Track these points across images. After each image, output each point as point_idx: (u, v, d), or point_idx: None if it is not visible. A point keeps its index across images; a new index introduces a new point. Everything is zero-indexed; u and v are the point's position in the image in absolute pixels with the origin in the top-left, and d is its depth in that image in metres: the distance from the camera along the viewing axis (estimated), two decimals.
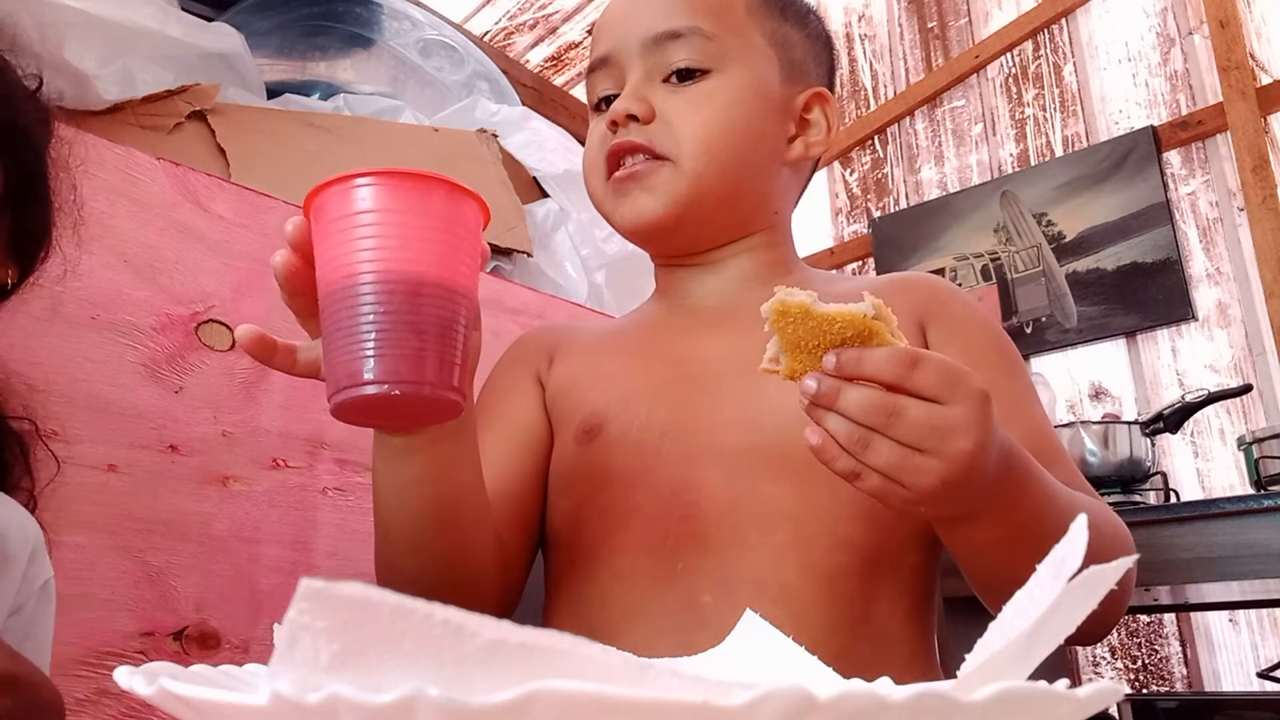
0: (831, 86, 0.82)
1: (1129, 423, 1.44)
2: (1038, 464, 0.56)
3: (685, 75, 0.73)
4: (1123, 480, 1.43)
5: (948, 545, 0.60)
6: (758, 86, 0.74)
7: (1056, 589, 0.31)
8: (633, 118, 0.72)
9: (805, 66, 0.79)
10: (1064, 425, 1.47)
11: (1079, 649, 2.16)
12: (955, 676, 0.32)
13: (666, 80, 0.73)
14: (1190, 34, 2.33)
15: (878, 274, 2.71)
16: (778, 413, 0.66)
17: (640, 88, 0.73)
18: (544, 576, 0.76)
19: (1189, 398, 1.48)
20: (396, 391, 0.46)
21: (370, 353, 0.46)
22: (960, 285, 2.56)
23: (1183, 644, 2.05)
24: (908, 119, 2.82)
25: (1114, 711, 1.42)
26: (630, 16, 0.75)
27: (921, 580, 0.68)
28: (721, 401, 0.69)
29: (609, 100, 0.76)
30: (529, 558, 0.74)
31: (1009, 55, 2.65)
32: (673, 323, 0.78)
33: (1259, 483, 1.36)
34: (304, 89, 1.45)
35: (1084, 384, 2.31)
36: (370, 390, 0.46)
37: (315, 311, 0.51)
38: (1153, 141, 2.30)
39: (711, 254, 0.78)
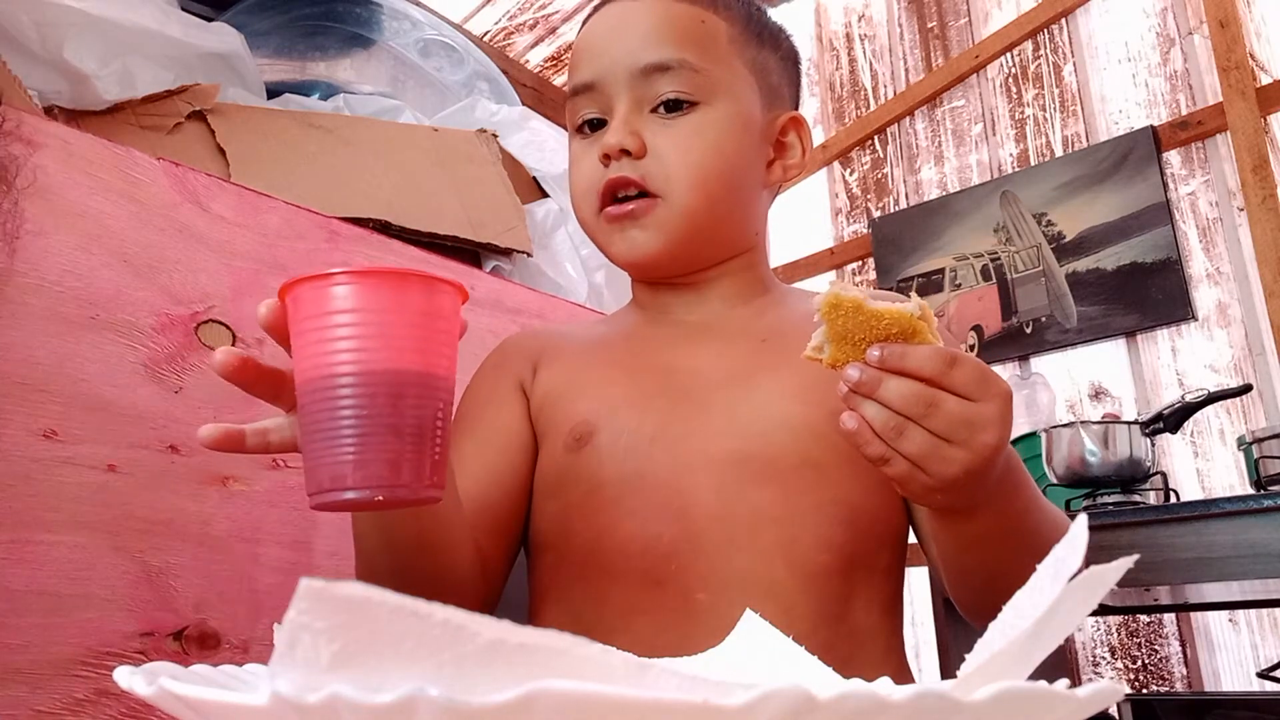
0: (798, 104, 0.85)
1: (1129, 423, 1.44)
2: (1024, 466, 0.61)
3: (673, 106, 0.73)
4: (1123, 480, 1.43)
5: (940, 538, 0.64)
6: (743, 117, 0.76)
7: (1056, 589, 0.31)
8: (625, 151, 0.73)
9: (781, 90, 0.81)
10: (1064, 425, 1.47)
11: (1079, 649, 2.16)
12: (955, 676, 0.32)
13: (654, 111, 0.74)
14: (1190, 34, 2.33)
15: (877, 275, 2.72)
16: (764, 421, 0.70)
17: (631, 120, 0.74)
18: (528, 577, 0.77)
19: (1189, 398, 1.48)
20: (380, 497, 0.47)
21: (350, 456, 0.47)
22: (960, 285, 2.56)
23: (1183, 644, 2.05)
24: (908, 119, 2.82)
25: (1114, 711, 1.42)
26: (616, 45, 0.75)
27: (893, 580, 0.72)
28: (709, 411, 0.71)
29: (593, 124, 0.77)
30: (508, 563, 0.75)
31: (1009, 55, 2.65)
32: (657, 334, 0.79)
33: (1259, 483, 1.36)
34: (304, 89, 1.45)
35: (1084, 384, 2.31)
36: (351, 495, 0.47)
37: (279, 394, 0.52)
38: (1152, 141, 2.30)
39: (696, 276, 0.79)
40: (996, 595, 0.50)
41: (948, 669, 1.49)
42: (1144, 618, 2.10)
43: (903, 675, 0.70)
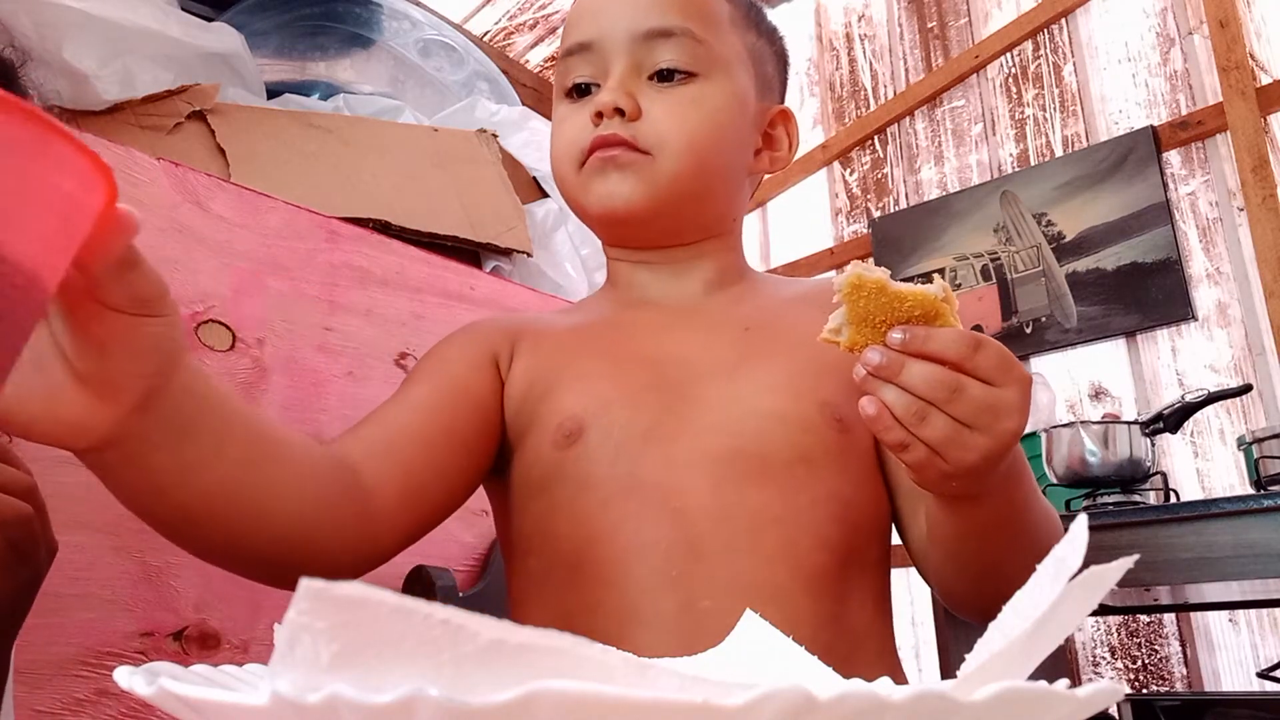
0: (783, 102, 0.84)
1: (1129, 423, 1.44)
2: (1025, 456, 0.60)
3: (670, 75, 0.72)
4: (1123, 480, 1.43)
5: (941, 526, 0.62)
6: (739, 96, 0.75)
7: (1056, 589, 0.31)
8: (619, 112, 0.71)
9: (773, 83, 0.81)
10: (1064, 425, 1.47)
11: (1079, 649, 2.16)
12: (955, 676, 0.32)
13: (651, 78, 0.73)
14: (1190, 34, 2.33)
15: None
16: (756, 416, 0.68)
17: (627, 82, 0.72)
18: (507, 582, 0.74)
19: (1189, 398, 1.48)
20: None
21: None
22: (960, 285, 2.56)
23: (1183, 644, 2.05)
24: (908, 119, 2.82)
25: (1114, 711, 1.42)
26: (618, 6, 0.74)
27: (883, 574, 0.71)
28: (701, 406, 0.69)
29: (582, 88, 0.75)
30: (421, 511, 0.67)
31: (1009, 55, 2.65)
32: (639, 320, 0.77)
33: (1259, 483, 1.36)
34: (304, 89, 1.45)
35: (1084, 384, 2.31)
36: None
37: None
38: (1152, 141, 2.30)
39: (674, 252, 0.77)
40: (994, 587, 0.50)
41: (948, 669, 1.49)
42: (1144, 618, 2.10)
43: (897, 672, 0.68)
